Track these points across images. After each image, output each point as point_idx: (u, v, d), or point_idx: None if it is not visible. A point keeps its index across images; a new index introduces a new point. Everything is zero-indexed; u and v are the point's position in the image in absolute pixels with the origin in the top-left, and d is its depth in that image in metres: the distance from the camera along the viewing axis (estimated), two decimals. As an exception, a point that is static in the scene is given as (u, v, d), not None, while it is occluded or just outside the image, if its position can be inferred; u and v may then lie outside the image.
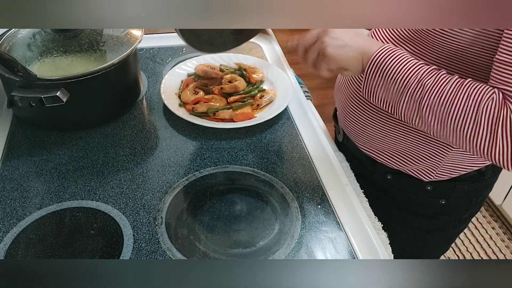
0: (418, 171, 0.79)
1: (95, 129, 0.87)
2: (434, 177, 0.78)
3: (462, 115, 0.57)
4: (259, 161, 0.81)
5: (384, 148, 0.79)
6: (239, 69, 0.99)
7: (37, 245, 0.65)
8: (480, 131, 0.56)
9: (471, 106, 0.56)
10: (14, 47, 0.84)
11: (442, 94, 0.58)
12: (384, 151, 0.80)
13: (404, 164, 0.79)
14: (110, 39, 0.89)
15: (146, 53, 1.11)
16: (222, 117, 0.88)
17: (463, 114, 0.57)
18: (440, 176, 0.78)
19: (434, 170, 0.77)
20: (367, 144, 0.82)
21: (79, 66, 0.82)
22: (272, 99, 0.93)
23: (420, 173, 0.79)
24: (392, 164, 0.80)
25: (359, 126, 0.80)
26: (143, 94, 0.97)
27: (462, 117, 0.57)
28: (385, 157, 0.81)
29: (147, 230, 0.67)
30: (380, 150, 0.80)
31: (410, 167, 0.79)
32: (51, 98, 0.76)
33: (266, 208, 0.72)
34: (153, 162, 0.80)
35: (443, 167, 0.76)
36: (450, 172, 0.78)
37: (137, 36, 0.90)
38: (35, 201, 0.72)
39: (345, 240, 0.67)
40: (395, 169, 0.81)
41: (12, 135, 0.85)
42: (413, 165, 0.78)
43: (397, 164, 0.80)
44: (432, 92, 0.59)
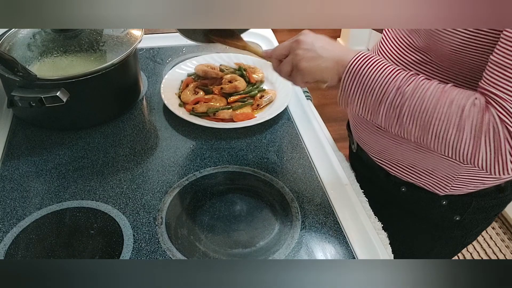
0: (432, 184, 0.76)
1: (95, 129, 0.87)
2: (449, 191, 0.75)
3: (444, 122, 0.55)
4: (259, 161, 0.81)
5: (397, 160, 0.77)
6: (239, 69, 0.99)
7: (37, 245, 0.65)
8: (463, 138, 0.54)
9: (453, 113, 0.54)
10: (14, 47, 0.84)
11: (423, 101, 0.56)
12: (397, 163, 0.77)
13: (418, 177, 0.76)
14: (110, 39, 0.89)
15: (146, 53, 1.11)
16: (222, 117, 0.88)
17: (445, 121, 0.55)
18: (456, 189, 0.75)
19: (449, 184, 0.74)
20: (380, 155, 0.79)
21: (79, 66, 0.82)
22: (272, 99, 0.93)
23: (434, 187, 0.76)
24: (406, 176, 0.78)
25: (372, 137, 0.78)
26: (143, 94, 0.97)
27: (444, 123, 0.55)
28: (398, 169, 0.78)
29: (147, 230, 0.67)
30: (393, 162, 0.78)
31: (424, 180, 0.76)
32: (51, 98, 0.76)
33: (266, 208, 0.72)
34: (153, 162, 0.80)
35: (458, 181, 0.73)
36: (466, 186, 0.74)
37: (137, 36, 0.90)
38: (35, 201, 0.72)
39: (345, 240, 0.67)
40: (409, 182, 0.78)
41: (12, 135, 0.85)
42: (427, 178, 0.75)
43: (411, 177, 0.77)
44: (412, 99, 0.57)
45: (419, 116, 0.57)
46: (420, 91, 0.57)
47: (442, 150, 0.58)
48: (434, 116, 0.56)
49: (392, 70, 0.59)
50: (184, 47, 1.14)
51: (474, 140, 0.54)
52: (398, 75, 0.59)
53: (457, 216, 0.78)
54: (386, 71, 0.59)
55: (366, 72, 0.60)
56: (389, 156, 0.77)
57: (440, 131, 0.56)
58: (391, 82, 0.58)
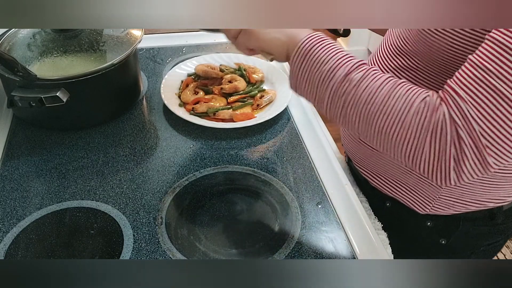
0: (413, 201, 0.72)
1: (95, 129, 0.87)
2: (430, 211, 0.71)
3: (389, 116, 0.51)
4: (259, 161, 0.81)
5: (379, 172, 0.73)
6: (239, 69, 0.99)
7: (37, 245, 0.65)
8: (406, 136, 0.50)
9: (400, 107, 0.50)
10: (14, 47, 0.84)
11: (370, 91, 0.52)
12: (379, 174, 0.74)
13: (398, 191, 0.73)
14: (110, 39, 0.89)
15: (146, 53, 1.11)
16: (222, 117, 0.88)
17: (391, 115, 0.51)
18: (438, 210, 0.70)
19: (430, 202, 0.70)
20: (363, 164, 0.76)
21: (79, 66, 0.82)
22: (272, 99, 0.93)
23: (415, 204, 0.72)
24: (386, 190, 0.74)
25: (354, 146, 0.75)
26: (143, 94, 0.97)
27: (389, 118, 0.51)
28: (379, 181, 0.75)
29: (147, 230, 0.67)
30: (374, 172, 0.74)
31: (404, 196, 0.72)
32: (51, 98, 0.76)
33: (266, 208, 0.72)
34: (153, 162, 0.80)
35: (441, 200, 0.69)
36: (449, 207, 0.70)
37: (137, 36, 0.90)
38: (35, 201, 0.72)
39: (345, 240, 0.67)
40: (392, 197, 0.74)
41: (12, 135, 0.85)
42: (407, 194, 0.72)
43: (391, 191, 0.73)
44: (359, 88, 0.52)
45: (363, 108, 0.52)
46: (369, 80, 0.52)
47: (386, 148, 0.53)
48: (380, 109, 0.51)
49: (344, 55, 0.55)
50: (184, 47, 1.14)
51: (419, 140, 0.50)
52: (349, 61, 0.54)
53: (443, 240, 0.74)
54: (337, 55, 0.55)
55: (317, 53, 0.55)
56: (371, 167, 0.75)
57: (384, 126, 0.52)
58: (340, 67, 0.54)
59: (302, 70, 0.57)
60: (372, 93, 0.52)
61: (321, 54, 0.55)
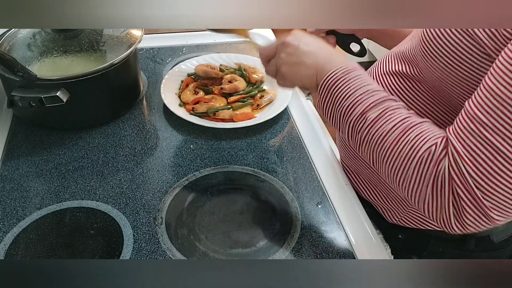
0: (382, 206, 0.72)
1: (95, 129, 0.87)
2: (398, 221, 0.71)
3: (395, 162, 0.53)
4: (259, 161, 0.81)
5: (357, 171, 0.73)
6: (239, 69, 0.99)
7: (37, 245, 0.65)
8: (410, 183, 0.52)
9: (406, 155, 0.51)
10: (14, 47, 0.84)
11: (382, 134, 0.54)
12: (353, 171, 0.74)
13: (373, 195, 0.73)
14: (110, 39, 0.89)
15: (146, 53, 1.11)
16: (222, 117, 0.88)
17: (397, 162, 0.52)
18: (405, 222, 0.71)
19: (398, 212, 0.70)
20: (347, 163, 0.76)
21: (79, 66, 0.82)
22: (272, 99, 0.93)
23: (384, 210, 0.72)
24: (359, 190, 0.74)
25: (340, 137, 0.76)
26: (143, 94, 0.97)
27: (395, 164, 0.53)
28: (354, 179, 0.74)
29: (147, 230, 0.67)
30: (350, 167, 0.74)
31: (377, 201, 0.73)
32: (51, 98, 0.76)
33: (266, 208, 0.72)
34: (153, 162, 0.80)
35: (410, 213, 0.69)
36: (416, 221, 0.70)
37: (137, 36, 0.90)
38: (35, 201, 0.72)
39: (345, 240, 0.67)
40: (364, 198, 0.74)
41: (12, 135, 0.85)
42: (380, 199, 0.72)
43: (363, 192, 0.73)
44: (372, 129, 0.55)
45: (375, 148, 0.55)
46: (383, 122, 0.54)
47: (395, 187, 0.55)
48: (388, 153, 0.53)
49: (363, 92, 0.56)
50: (184, 47, 1.14)
51: (421, 189, 0.51)
52: (367, 99, 0.56)
53: (414, 256, 0.73)
54: (360, 91, 0.57)
55: (339, 89, 0.58)
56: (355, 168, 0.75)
57: (391, 170, 0.54)
58: (358, 105, 0.56)
59: (327, 102, 0.60)
60: (383, 135, 0.54)
61: (343, 89, 0.58)
